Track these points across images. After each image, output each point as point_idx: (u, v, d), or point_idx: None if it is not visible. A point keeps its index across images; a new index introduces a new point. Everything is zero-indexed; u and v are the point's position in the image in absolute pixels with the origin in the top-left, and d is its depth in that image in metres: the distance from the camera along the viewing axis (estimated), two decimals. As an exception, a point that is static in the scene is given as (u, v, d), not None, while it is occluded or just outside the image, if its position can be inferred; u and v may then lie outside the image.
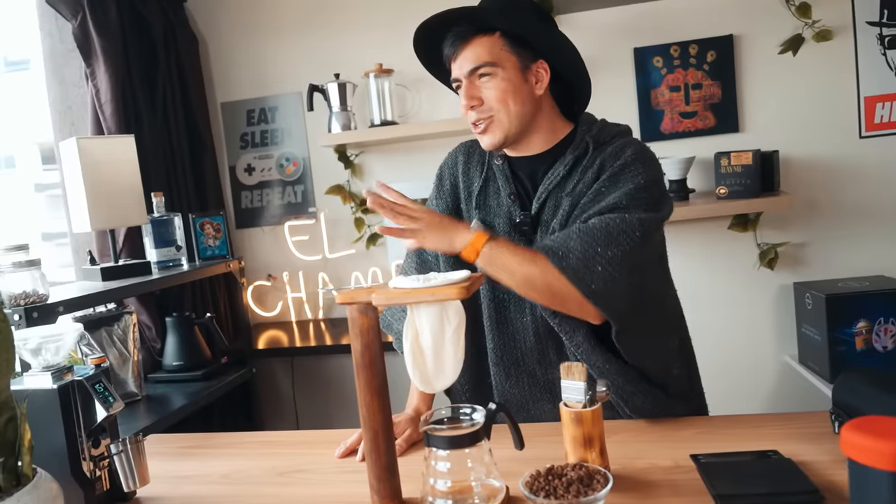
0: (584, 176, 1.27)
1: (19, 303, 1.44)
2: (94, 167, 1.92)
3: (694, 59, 2.46)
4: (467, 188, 1.42)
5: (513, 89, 1.26)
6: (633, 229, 1.16)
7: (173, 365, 2.28)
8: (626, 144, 1.28)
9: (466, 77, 1.28)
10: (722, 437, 1.15)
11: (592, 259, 1.13)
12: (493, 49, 1.25)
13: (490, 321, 1.35)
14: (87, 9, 2.20)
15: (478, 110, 1.28)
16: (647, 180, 1.23)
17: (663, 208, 1.25)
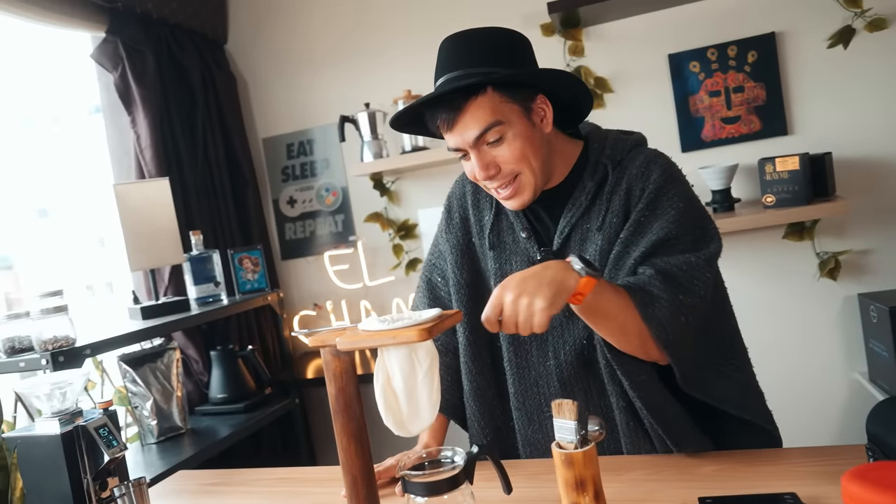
0: (611, 204, 1.18)
1: (47, 347, 1.51)
2: (131, 211, 2.00)
3: (734, 61, 2.34)
4: (478, 222, 1.33)
5: (528, 143, 1.15)
6: (703, 272, 1.11)
7: (218, 397, 2.33)
8: (650, 161, 1.18)
9: (473, 146, 1.14)
10: (743, 476, 1.06)
11: (677, 309, 1.07)
12: (494, 106, 1.12)
13: (511, 365, 1.27)
14: (127, 61, 2.32)
15: (497, 177, 1.16)
16: (686, 199, 1.16)
17: (714, 234, 1.17)
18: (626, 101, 2.46)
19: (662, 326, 1.05)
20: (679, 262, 1.10)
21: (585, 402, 1.22)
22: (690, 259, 1.10)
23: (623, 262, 1.15)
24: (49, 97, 2.40)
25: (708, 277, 1.12)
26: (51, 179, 2.35)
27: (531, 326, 0.97)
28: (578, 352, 1.21)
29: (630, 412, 1.18)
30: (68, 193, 2.31)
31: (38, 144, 2.33)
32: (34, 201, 2.33)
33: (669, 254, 1.12)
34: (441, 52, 1.18)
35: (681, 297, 1.07)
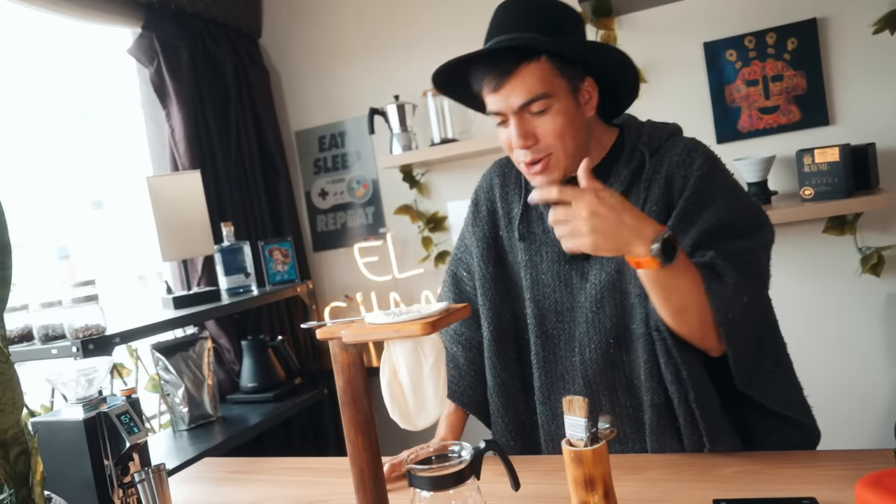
0: (649, 192, 1.16)
1: (78, 335, 1.56)
2: (164, 203, 2.04)
3: (772, 49, 2.26)
4: (507, 214, 1.32)
5: (570, 122, 1.13)
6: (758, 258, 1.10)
7: (249, 386, 2.37)
8: (691, 149, 1.16)
9: (515, 112, 1.12)
10: (763, 478, 1.03)
11: (741, 288, 1.05)
12: (544, 77, 1.11)
13: (538, 359, 1.26)
14: (162, 56, 2.36)
15: (533, 150, 1.14)
16: (732, 187, 1.15)
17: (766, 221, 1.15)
18: (659, 91, 2.40)
19: (724, 303, 1.03)
20: (736, 247, 1.08)
21: (610, 400, 1.21)
22: (746, 245, 1.09)
23: None
24: (102, 92, 2.47)
25: (764, 261, 1.11)
26: (105, 172, 2.42)
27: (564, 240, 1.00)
28: (604, 350, 1.19)
29: (664, 410, 1.15)
30: (121, 185, 2.39)
31: (93, 138, 2.41)
32: (89, 193, 2.41)
33: (721, 241, 1.09)
34: (496, 14, 1.17)
35: (743, 279, 1.05)
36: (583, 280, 1.21)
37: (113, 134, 2.52)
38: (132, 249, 2.40)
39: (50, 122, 2.27)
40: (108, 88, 2.50)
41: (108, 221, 2.50)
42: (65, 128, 2.32)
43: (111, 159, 2.48)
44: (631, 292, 1.17)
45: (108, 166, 2.46)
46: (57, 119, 2.30)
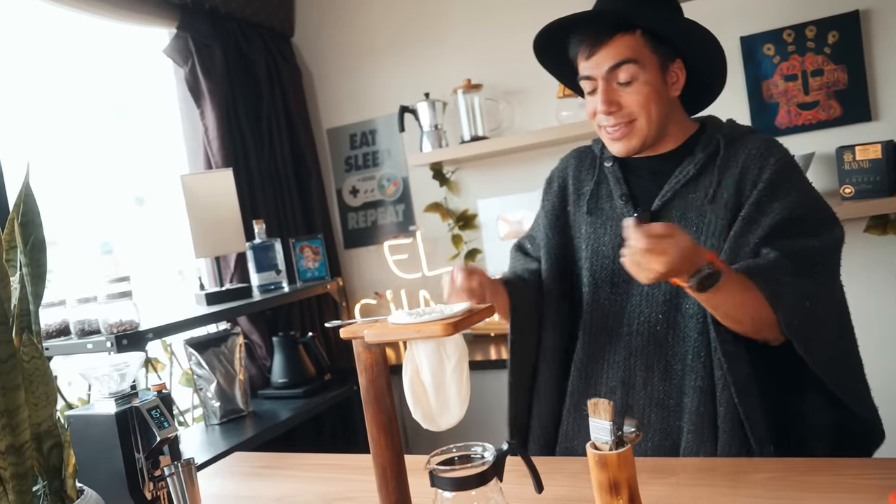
0: (723, 178, 1.18)
1: (113, 331, 1.59)
2: (197, 200, 2.07)
3: (812, 43, 2.20)
4: (577, 190, 1.37)
5: (655, 93, 1.18)
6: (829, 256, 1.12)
7: (279, 382, 2.40)
8: (770, 144, 1.20)
9: (604, 77, 1.19)
10: (794, 486, 1.00)
11: (802, 293, 1.07)
12: (636, 47, 1.17)
13: (584, 326, 1.31)
14: (196, 55, 2.40)
15: (616, 115, 1.20)
16: (806, 185, 1.17)
17: (835, 220, 1.17)
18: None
19: (789, 311, 1.06)
20: (804, 245, 1.10)
21: (644, 379, 1.22)
22: (815, 244, 1.10)
23: (745, 239, 1.15)
24: (143, 91, 2.53)
25: (833, 263, 1.13)
26: (146, 169, 2.48)
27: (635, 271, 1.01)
28: (651, 325, 1.22)
29: (706, 395, 1.16)
30: (161, 183, 2.44)
31: (135, 136, 2.46)
32: (132, 190, 2.47)
33: (791, 235, 1.11)
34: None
35: (805, 282, 1.07)
36: None
37: (153, 132, 2.57)
38: (172, 245, 2.44)
39: (93, 121, 2.32)
40: (148, 87, 2.56)
41: (150, 217, 2.56)
42: (108, 126, 2.38)
43: (152, 157, 2.54)
44: None
45: (149, 164, 2.51)
46: (100, 118, 2.35)
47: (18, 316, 0.95)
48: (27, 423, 0.92)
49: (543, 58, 1.33)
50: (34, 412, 0.94)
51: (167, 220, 2.42)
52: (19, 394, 0.91)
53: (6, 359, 0.89)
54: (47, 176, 2.10)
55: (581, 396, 1.29)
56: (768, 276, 1.07)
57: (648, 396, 1.21)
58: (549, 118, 2.45)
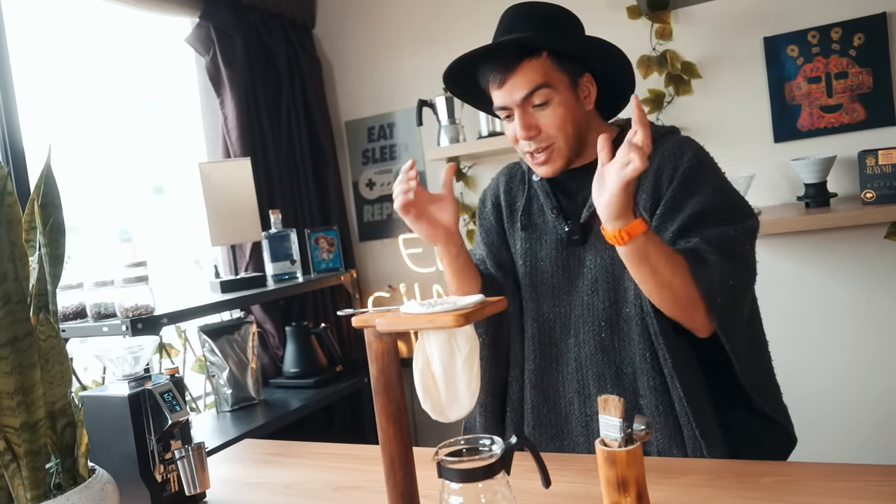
0: (641, 182, 1.21)
1: (128, 314, 1.61)
2: (215, 189, 2.09)
3: (837, 45, 2.17)
4: (510, 207, 1.39)
5: (570, 112, 1.21)
6: (741, 244, 1.14)
7: (291, 371, 2.42)
8: (683, 143, 1.22)
9: (519, 104, 1.21)
10: (806, 490, 0.99)
11: (726, 272, 1.10)
12: (545, 71, 1.20)
13: (532, 341, 1.31)
14: (217, 45, 2.42)
15: (536, 140, 1.22)
16: (720, 179, 1.19)
17: (749, 211, 1.19)
18: (715, 87, 2.33)
19: (712, 287, 1.08)
20: (720, 232, 1.13)
21: (598, 388, 1.24)
22: (729, 231, 1.13)
23: (662, 235, 1.17)
24: (164, 80, 2.55)
25: (748, 249, 1.14)
26: (165, 159, 2.51)
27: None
28: (596, 333, 1.24)
29: (662, 393, 1.18)
30: (180, 172, 2.46)
31: (154, 125, 2.49)
32: (151, 179, 2.49)
33: (706, 227, 1.14)
34: (502, 18, 1.27)
35: (727, 263, 1.10)
36: (579, 265, 1.27)
37: (173, 121, 2.59)
38: (189, 234, 2.47)
39: (113, 110, 2.34)
40: (169, 77, 2.58)
41: (168, 206, 2.58)
42: (128, 115, 2.40)
43: (172, 146, 2.56)
44: (624, 276, 1.21)
45: (168, 153, 2.53)
46: (120, 106, 2.37)
47: (36, 295, 0.96)
48: (42, 401, 0.93)
49: (457, 91, 1.37)
50: (49, 390, 0.95)
51: (185, 210, 2.44)
52: (35, 372, 0.92)
53: (23, 337, 0.90)
54: (70, 163, 2.13)
55: (539, 411, 1.31)
56: (691, 252, 1.11)
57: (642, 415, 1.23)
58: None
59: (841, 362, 2.24)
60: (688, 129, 2.37)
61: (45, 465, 0.95)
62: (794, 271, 2.27)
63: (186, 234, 2.49)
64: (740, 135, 2.31)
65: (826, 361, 2.25)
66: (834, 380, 2.25)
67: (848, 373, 2.23)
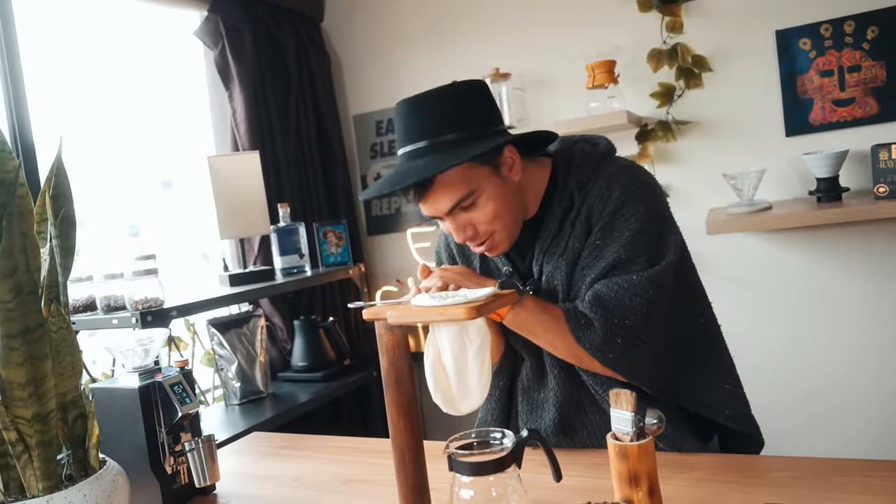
0: (574, 229, 1.19)
1: (138, 307, 1.61)
2: (223, 182, 2.09)
3: (850, 38, 2.14)
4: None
5: (501, 200, 1.14)
6: (644, 290, 1.11)
7: (299, 365, 2.42)
8: (611, 181, 1.17)
9: (447, 215, 1.14)
10: (816, 485, 0.98)
11: (610, 332, 1.10)
12: (464, 175, 1.10)
13: (521, 389, 1.31)
14: (226, 38, 2.41)
15: (473, 237, 1.17)
16: (643, 222, 1.14)
17: (667, 251, 1.15)
18: (725, 80, 2.31)
19: (598, 348, 1.11)
20: (616, 285, 1.12)
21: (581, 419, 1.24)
22: (633, 279, 1.11)
23: (579, 286, 1.18)
24: (172, 74, 2.55)
25: (650, 295, 1.11)
26: (174, 153, 2.50)
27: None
28: (566, 368, 1.23)
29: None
30: (188, 166, 2.46)
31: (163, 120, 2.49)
32: (159, 174, 2.50)
33: (616, 275, 1.13)
34: (400, 117, 1.14)
35: (615, 321, 1.10)
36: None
37: (181, 115, 2.59)
38: (197, 228, 2.47)
39: (121, 103, 2.35)
40: (177, 70, 2.57)
41: (176, 201, 2.58)
42: (135, 109, 2.40)
43: (179, 140, 2.56)
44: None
45: (176, 147, 2.53)
46: (128, 100, 2.38)
47: (47, 287, 0.96)
48: (53, 392, 0.93)
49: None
50: (60, 382, 0.95)
51: (193, 204, 2.44)
52: (46, 363, 0.92)
53: (34, 328, 0.90)
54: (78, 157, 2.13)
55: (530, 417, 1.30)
56: (576, 314, 1.12)
57: (593, 432, 1.23)
58: (577, 109, 2.43)
59: (851, 357, 2.22)
60: (698, 124, 2.36)
61: (56, 457, 0.95)
62: (804, 266, 2.26)
63: (194, 229, 2.50)
64: (751, 129, 2.29)
65: (836, 356, 2.24)
66: (843, 374, 2.23)
67: (858, 368, 2.21)
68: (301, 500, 1.18)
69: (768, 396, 1.31)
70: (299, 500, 1.18)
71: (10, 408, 0.90)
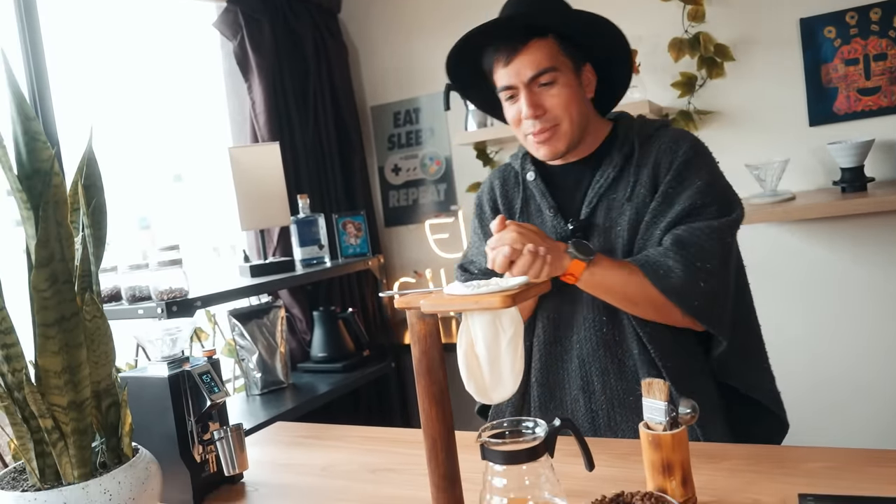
0: (639, 176, 1.23)
1: (163, 297, 1.62)
2: (244, 173, 2.09)
3: (876, 26, 2.11)
4: (508, 209, 1.39)
5: (574, 95, 1.23)
6: (723, 235, 1.15)
7: (319, 356, 2.43)
8: (679, 137, 1.24)
9: (525, 84, 1.21)
10: (850, 476, 0.97)
11: (693, 275, 1.12)
12: (552, 52, 1.21)
13: (538, 340, 1.33)
14: (245, 29, 2.41)
15: (542, 119, 1.23)
16: (712, 172, 1.21)
17: (736, 204, 1.22)
18: (748, 69, 2.29)
19: (681, 294, 1.12)
20: (699, 227, 1.15)
21: (602, 382, 1.25)
22: (713, 224, 1.15)
23: (651, 231, 1.21)
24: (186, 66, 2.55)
25: (727, 242, 1.17)
26: (186, 146, 2.51)
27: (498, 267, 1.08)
28: (598, 328, 1.25)
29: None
30: (200, 160, 2.47)
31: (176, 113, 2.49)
32: (171, 167, 2.50)
33: (694, 222, 1.17)
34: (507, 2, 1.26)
35: (697, 264, 1.12)
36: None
37: (195, 108, 2.60)
38: (208, 222, 2.48)
39: (138, 96, 2.35)
40: (192, 63, 2.58)
41: (187, 194, 2.59)
42: (151, 101, 2.41)
43: (192, 133, 2.56)
44: None
45: (189, 140, 2.54)
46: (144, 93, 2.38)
47: (80, 276, 0.97)
48: (88, 380, 0.94)
49: (457, 76, 1.34)
50: (94, 370, 0.96)
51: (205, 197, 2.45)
52: (81, 351, 0.93)
53: (69, 317, 0.91)
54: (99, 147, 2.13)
55: (546, 408, 1.32)
56: (654, 263, 1.14)
57: (609, 399, 1.25)
58: (597, 99, 2.41)
59: (880, 349, 2.20)
60: (720, 114, 2.34)
61: (91, 444, 0.96)
62: (827, 257, 2.23)
63: (205, 222, 2.50)
64: (774, 119, 2.27)
65: (862, 347, 2.22)
66: (865, 365, 2.21)
67: (885, 357, 2.19)
68: (331, 488, 1.19)
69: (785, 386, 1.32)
70: (329, 489, 1.19)
71: (47, 395, 0.91)
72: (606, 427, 1.25)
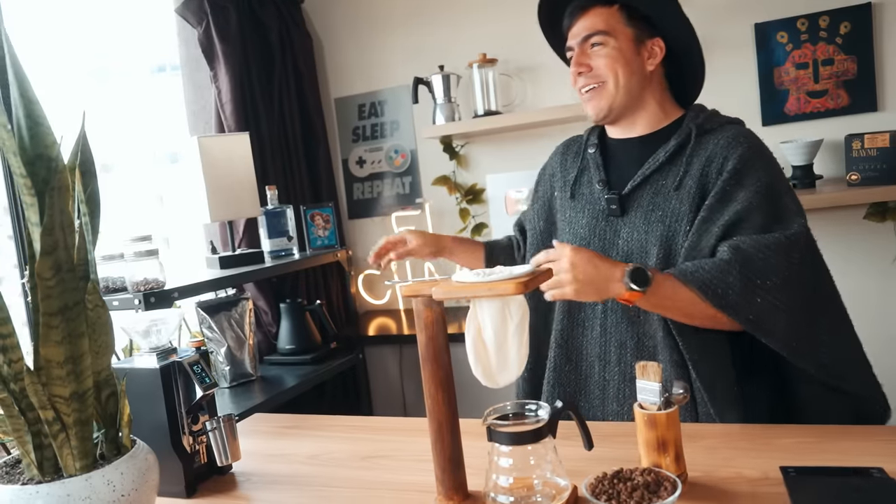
0: (689, 167, 1.25)
1: (139, 288, 1.59)
2: (213, 163, 2.06)
3: (825, 33, 2.24)
4: (564, 177, 1.45)
5: (623, 59, 1.28)
6: (790, 251, 1.14)
7: (286, 348, 2.41)
8: (739, 134, 1.24)
9: (579, 44, 1.31)
10: (826, 450, 1.05)
11: (752, 292, 1.12)
12: (609, 20, 1.28)
13: (563, 303, 1.36)
14: (211, 17, 2.37)
15: (586, 76, 1.31)
16: (772, 175, 1.21)
17: (799, 210, 1.21)
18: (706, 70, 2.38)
19: (737, 309, 1.12)
20: (765, 243, 1.13)
21: (618, 354, 1.29)
22: (780, 239, 1.14)
23: (707, 227, 1.21)
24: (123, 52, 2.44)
25: (794, 257, 1.15)
26: (114, 135, 2.40)
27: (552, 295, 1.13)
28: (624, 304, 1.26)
29: (681, 368, 1.22)
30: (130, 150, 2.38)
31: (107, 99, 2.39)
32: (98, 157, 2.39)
33: (752, 225, 1.16)
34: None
35: (757, 281, 1.12)
36: (615, 236, 1.32)
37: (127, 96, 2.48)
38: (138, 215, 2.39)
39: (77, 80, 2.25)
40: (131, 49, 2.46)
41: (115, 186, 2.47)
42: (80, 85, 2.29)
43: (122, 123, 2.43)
44: (653, 255, 1.25)
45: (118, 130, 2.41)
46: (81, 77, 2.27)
47: (78, 265, 0.95)
48: (90, 370, 0.93)
49: (550, 36, 1.44)
50: (95, 360, 0.94)
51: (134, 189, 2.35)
52: (84, 341, 0.91)
53: (72, 305, 0.89)
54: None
55: (561, 370, 1.37)
56: (714, 281, 1.12)
57: (622, 372, 1.30)
58: (562, 95, 2.47)
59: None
60: (679, 112, 2.43)
61: (92, 435, 0.94)
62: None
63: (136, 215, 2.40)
64: (729, 118, 2.37)
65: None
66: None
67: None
68: (324, 475, 1.20)
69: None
70: (322, 476, 1.20)
71: (48, 386, 0.90)
72: (615, 398, 1.29)
